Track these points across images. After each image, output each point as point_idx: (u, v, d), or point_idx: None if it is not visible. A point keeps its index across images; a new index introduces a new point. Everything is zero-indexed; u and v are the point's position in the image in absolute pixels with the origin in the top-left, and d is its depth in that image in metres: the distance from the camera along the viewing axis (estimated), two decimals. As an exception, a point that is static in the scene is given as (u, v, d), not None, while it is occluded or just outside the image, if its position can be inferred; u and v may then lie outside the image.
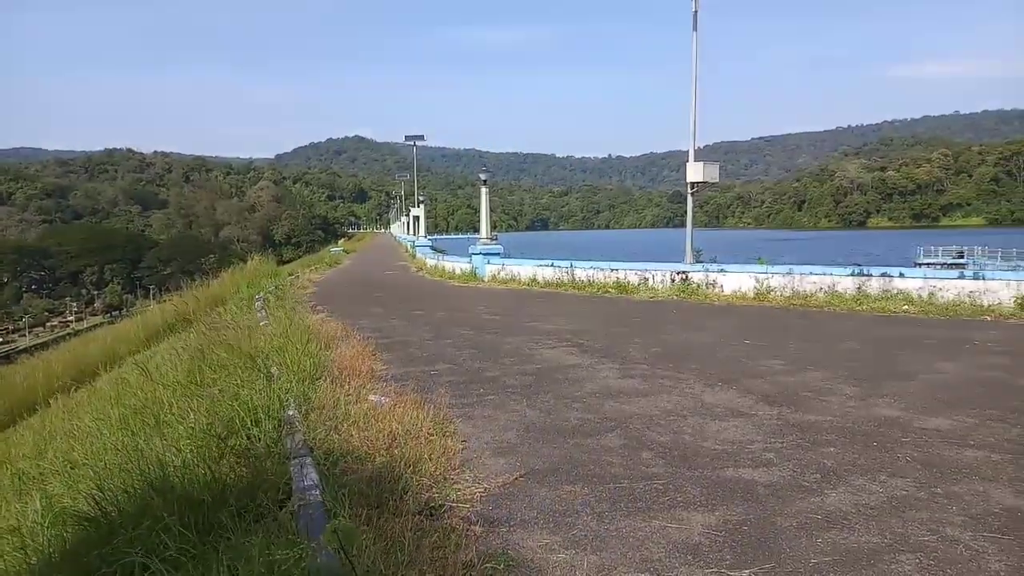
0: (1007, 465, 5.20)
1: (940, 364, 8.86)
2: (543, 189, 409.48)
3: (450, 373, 9.10)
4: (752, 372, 8.64)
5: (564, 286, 21.40)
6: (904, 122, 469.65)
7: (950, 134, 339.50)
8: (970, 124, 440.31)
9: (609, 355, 10.05)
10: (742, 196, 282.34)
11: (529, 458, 5.62)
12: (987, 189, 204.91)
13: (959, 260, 47.82)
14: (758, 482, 4.96)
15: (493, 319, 14.77)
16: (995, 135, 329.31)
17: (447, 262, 31.18)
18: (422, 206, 59.20)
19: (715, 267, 18.25)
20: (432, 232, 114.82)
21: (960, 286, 13.94)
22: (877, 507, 4.49)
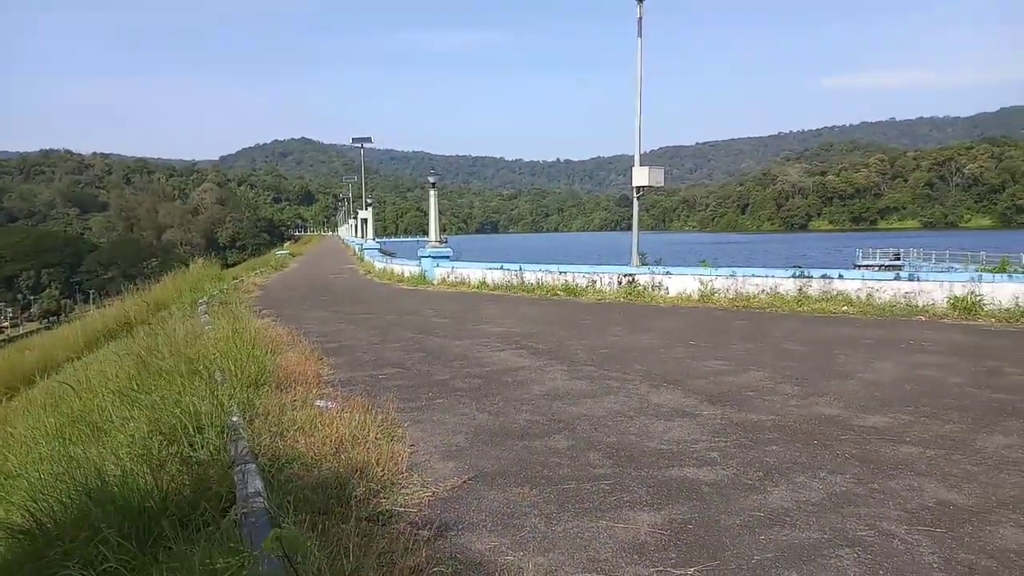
0: (940, 460, 5.38)
1: (877, 363, 9.12)
2: (492, 192, 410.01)
3: (398, 377, 9.05)
4: (696, 373, 8.79)
5: (513, 289, 21.45)
6: (843, 128, 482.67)
7: (887, 140, 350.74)
8: (906, 130, 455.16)
9: (557, 357, 10.11)
10: (687, 200, 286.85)
11: (478, 461, 5.62)
12: (922, 193, 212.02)
13: (896, 262, 49.33)
14: (703, 481, 5.05)
15: (442, 322, 14.73)
16: (929, 141, 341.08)
17: (396, 265, 30.97)
18: (370, 209, 58.77)
19: (660, 270, 18.50)
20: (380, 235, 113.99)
21: (896, 287, 14.38)
22: (817, 503, 4.61)
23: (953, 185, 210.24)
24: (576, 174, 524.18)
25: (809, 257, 79.14)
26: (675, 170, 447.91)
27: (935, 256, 47.97)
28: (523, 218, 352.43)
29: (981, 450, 5.59)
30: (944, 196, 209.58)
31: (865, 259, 52.78)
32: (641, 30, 19.43)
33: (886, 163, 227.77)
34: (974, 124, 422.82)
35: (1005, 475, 5.04)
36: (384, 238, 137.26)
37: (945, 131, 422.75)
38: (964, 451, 5.57)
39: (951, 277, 14.26)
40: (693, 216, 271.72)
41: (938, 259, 47.04)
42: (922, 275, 14.60)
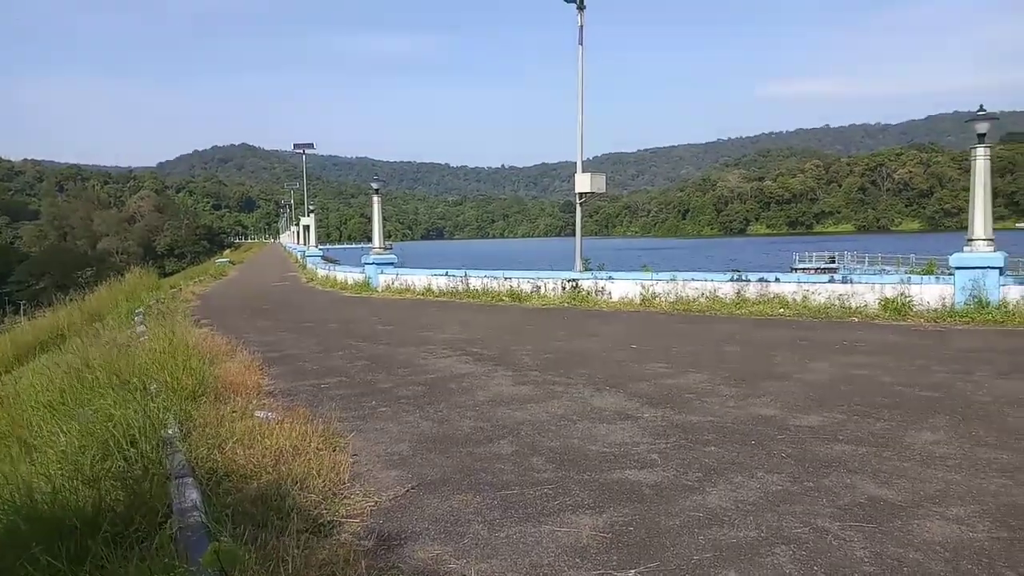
0: (871, 458, 5.55)
1: (813, 364, 9.38)
2: (438, 198, 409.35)
3: (341, 386, 8.96)
4: (638, 376, 8.91)
5: (459, 295, 21.43)
6: (780, 135, 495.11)
7: (821, 146, 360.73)
8: (839, 137, 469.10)
9: (502, 363, 10.14)
10: (630, 206, 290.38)
11: (421, 469, 5.60)
12: (855, 198, 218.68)
13: (831, 265, 50.70)
14: (643, 483, 5.12)
15: (386, 330, 14.63)
16: (862, 147, 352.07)
17: (339, 272, 30.67)
18: (312, 215, 58.06)
19: (604, 275, 18.71)
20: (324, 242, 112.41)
21: (831, 289, 14.80)
22: (754, 502, 4.71)
23: (885, 190, 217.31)
24: (521, 180, 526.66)
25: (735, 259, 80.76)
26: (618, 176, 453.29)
27: (868, 259, 49.48)
28: (469, 224, 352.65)
29: (910, 446, 5.79)
30: (876, 201, 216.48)
31: (801, 262, 54.12)
32: (582, 38, 19.66)
33: (821, 169, 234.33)
34: (903, 131, 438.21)
35: (932, 470, 5.22)
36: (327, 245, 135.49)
37: (876, 138, 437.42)
38: (894, 448, 5.76)
39: (882, 279, 14.74)
40: (636, 222, 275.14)
41: (871, 262, 48.53)
42: (855, 278, 15.07)
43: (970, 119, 13.64)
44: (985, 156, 13.49)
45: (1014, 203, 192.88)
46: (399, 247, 64.95)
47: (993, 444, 5.78)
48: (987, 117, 13.38)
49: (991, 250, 13.24)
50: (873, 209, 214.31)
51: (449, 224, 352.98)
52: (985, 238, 13.31)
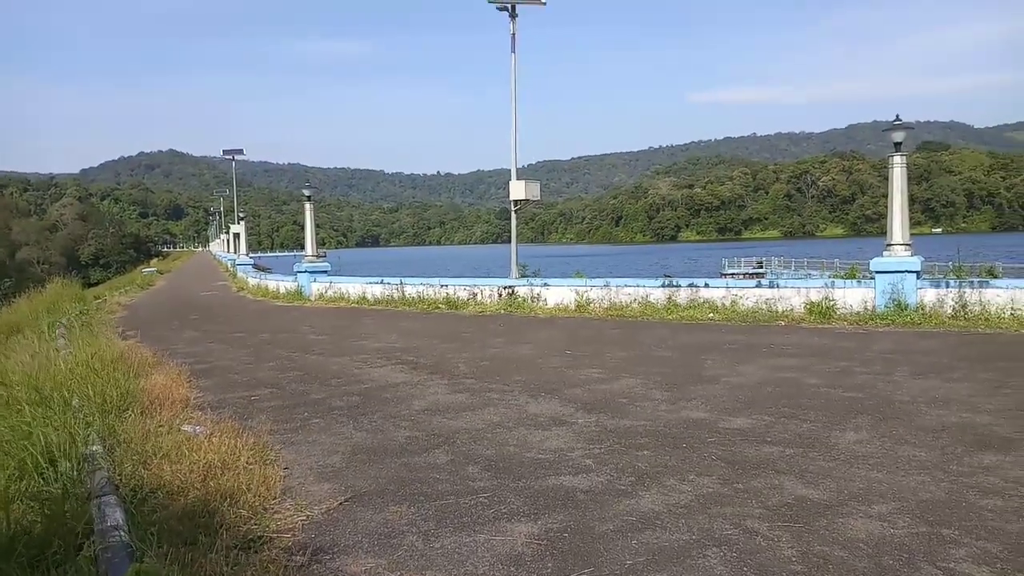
0: (798, 458, 5.71)
1: (741, 367, 9.60)
2: (373, 205, 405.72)
3: (272, 398, 8.79)
4: (573, 381, 8.98)
5: (394, 303, 21.27)
6: (709, 143, 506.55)
7: (748, 154, 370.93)
8: (766, 145, 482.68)
9: (438, 371, 10.09)
10: (564, 213, 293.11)
11: (355, 481, 5.52)
12: (781, 205, 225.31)
13: (758, 270, 52.12)
14: (578, 488, 5.16)
15: (319, 339, 14.41)
16: (787, 155, 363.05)
17: (270, 281, 30.10)
18: (242, 223, 56.82)
19: (539, 281, 18.82)
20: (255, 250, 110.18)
21: (758, 294, 15.19)
22: (686, 505, 4.79)
23: (809, 197, 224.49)
24: (457, 187, 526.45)
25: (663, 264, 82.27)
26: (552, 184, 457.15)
27: (794, 264, 51.03)
28: (405, 231, 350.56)
29: (834, 447, 5.97)
30: (802, 207, 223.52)
31: (730, 268, 55.49)
32: (515, 45, 19.78)
33: (748, 176, 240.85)
34: (826, 140, 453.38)
35: (855, 469, 5.39)
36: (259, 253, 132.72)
37: (801, 146, 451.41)
38: (819, 448, 5.93)
39: (807, 284, 15.21)
40: (571, 228, 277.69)
41: (797, 267, 50.06)
42: (781, 283, 15.51)
43: (887, 128, 14.20)
44: (902, 164, 14.05)
45: (930, 209, 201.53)
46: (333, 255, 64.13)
47: (912, 442, 6.00)
48: (903, 127, 13.95)
49: (909, 255, 13.79)
50: (799, 215, 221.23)
51: (384, 231, 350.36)
52: (903, 243, 13.86)
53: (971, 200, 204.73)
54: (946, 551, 3.96)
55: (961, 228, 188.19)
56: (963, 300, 13.09)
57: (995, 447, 5.78)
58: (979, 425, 6.44)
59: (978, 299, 13.01)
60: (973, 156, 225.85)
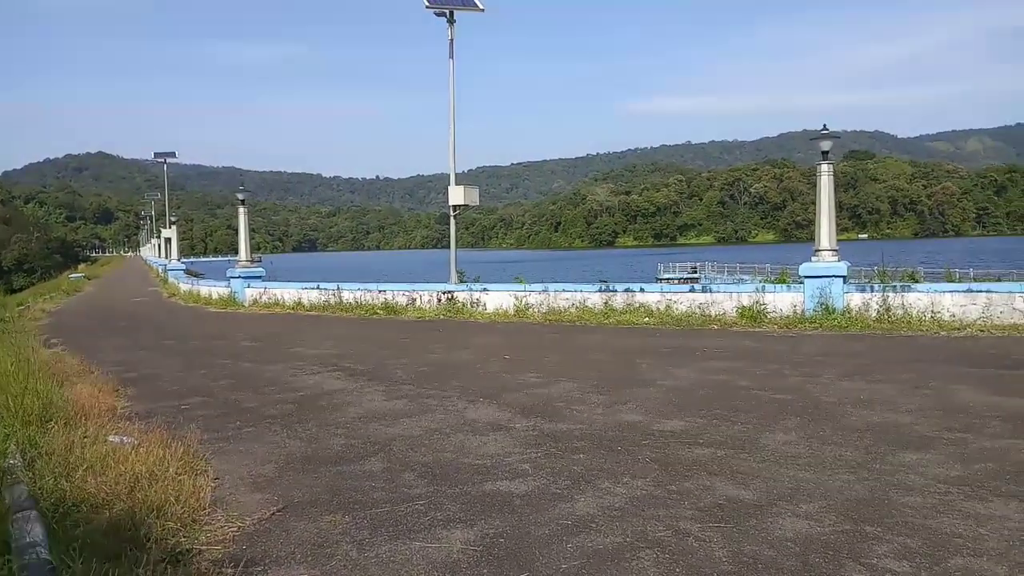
0: (730, 459, 5.83)
1: (675, 371, 9.77)
2: (310, 209, 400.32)
3: (204, 407, 8.58)
4: (511, 386, 9.00)
5: (331, 309, 21.00)
6: (645, 150, 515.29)
7: (683, 162, 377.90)
8: (700, 153, 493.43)
9: (375, 378, 10.00)
10: (504, 218, 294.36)
11: (288, 490, 5.43)
12: (715, 211, 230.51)
13: (693, 275, 53.14)
14: (514, 493, 5.17)
15: (253, 346, 14.14)
16: (720, 163, 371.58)
17: (203, 287, 29.42)
18: (174, 227, 55.29)
19: (479, 287, 18.82)
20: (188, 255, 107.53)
21: (692, 298, 15.48)
22: (620, 508, 4.84)
23: (742, 203, 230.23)
24: (397, 192, 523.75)
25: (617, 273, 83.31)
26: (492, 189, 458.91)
27: (727, 269, 52.18)
28: (343, 236, 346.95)
29: (764, 447, 6.11)
30: (734, 213, 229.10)
31: (666, 273, 56.44)
32: (452, 52, 19.77)
33: (683, 183, 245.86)
34: (758, 148, 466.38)
35: (784, 469, 5.53)
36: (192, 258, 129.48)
37: (734, 154, 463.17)
38: (750, 449, 6.07)
39: (739, 288, 15.57)
40: (511, 234, 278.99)
41: (730, 272, 51.21)
42: (714, 287, 15.84)
43: (814, 137, 14.64)
44: (828, 172, 14.50)
45: (857, 216, 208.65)
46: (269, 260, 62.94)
47: (838, 442, 6.18)
48: (829, 136, 14.40)
49: (836, 260, 14.23)
50: (732, 221, 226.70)
51: (322, 236, 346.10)
52: (830, 249, 14.29)
53: (895, 207, 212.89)
54: (869, 548, 4.09)
55: (886, 234, 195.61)
56: (887, 304, 13.57)
57: (915, 446, 6.00)
58: (901, 424, 6.68)
59: (901, 303, 13.50)
60: (897, 165, 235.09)
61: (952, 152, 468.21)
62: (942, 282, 14.89)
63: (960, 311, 13.09)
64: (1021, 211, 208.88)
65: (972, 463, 5.50)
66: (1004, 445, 5.94)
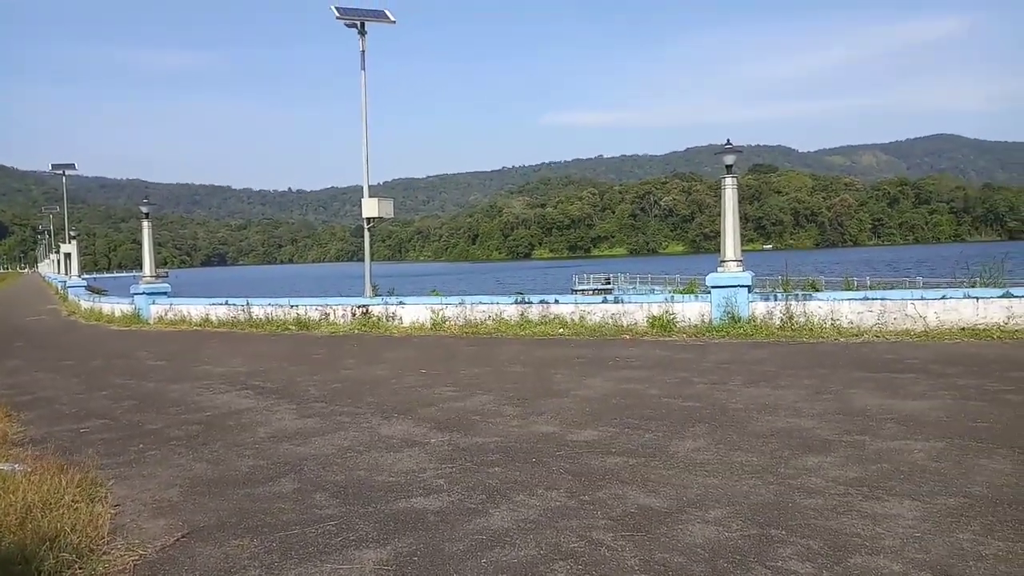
0: (641, 468, 5.93)
1: (589, 380, 9.90)
2: (220, 222, 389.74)
3: (104, 430, 8.20)
4: (427, 401, 8.95)
5: (241, 325, 20.44)
6: (559, 164, 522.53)
7: (596, 175, 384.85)
8: (612, 166, 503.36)
9: (286, 395, 9.78)
10: (421, 231, 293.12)
11: (193, 515, 5.24)
12: (627, 223, 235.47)
13: (607, 286, 54.02)
14: (429, 510, 5.12)
15: (158, 365, 13.62)
16: (631, 176, 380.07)
17: (105, 304, 28.18)
18: (75, 242, 52.81)
19: (394, 300, 18.65)
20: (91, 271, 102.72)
21: (605, 309, 15.73)
22: (535, 520, 4.86)
23: (653, 216, 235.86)
24: (310, 204, 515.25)
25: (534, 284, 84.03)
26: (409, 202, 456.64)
27: (639, 280, 53.28)
28: (254, 249, 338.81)
29: (674, 455, 6.25)
30: (646, 226, 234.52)
31: (581, 284, 57.17)
32: (364, 63, 19.62)
33: (596, 196, 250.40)
34: (667, 162, 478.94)
35: (693, 476, 5.66)
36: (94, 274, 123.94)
37: (644, 167, 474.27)
38: (660, 457, 6.19)
39: (650, 299, 15.91)
40: (428, 246, 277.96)
41: (642, 283, 52.27)
42: (626, 298, 16.13)
43: (719, 151, 15.14)
44: (733, 186, 15.00)
45: (761, 227, 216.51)
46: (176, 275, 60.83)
47: (744, 448, 6.37)
48: (733, 150, 14.91)
49: (741, 270, 14.71)
50: (643, 233, 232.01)
51: (232, 249, 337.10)
52: (735, 260, 14.77)
53: (797, 218, 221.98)
54: (774, 551, 4.21)
55: (789, 244, 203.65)
56: (790, 312, 14.11)
57: (816, 449, 6.24)
58: (803, 429, 6.93)
59: (803, 311, 14.06)
60: (798, 178, 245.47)
61: (849, 166, 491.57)
62: (841, 291, 15.59)
63: (857, 318, 13.72)
64: (912, 222, 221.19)
65: (869, 464, 5.76)
66: (898, 446, 6.24)
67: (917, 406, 7.67)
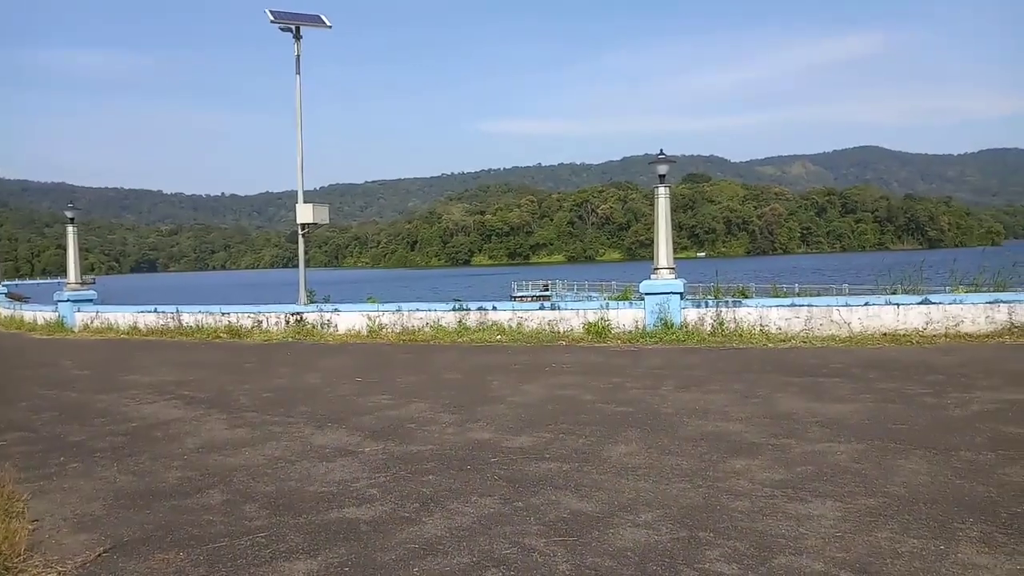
0: (574, 473, 5.99)
1: (525, 387, 9.95)
2: (150, 228, 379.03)
3: (23, 442, 7.89)
4: (361, 409, 8.86)
5: (170, 333, 19.92)
6: (498, 171, 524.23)
7: (535, 183, 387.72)
8: (550, 175, 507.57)
9: (216, 405, 9.56)
10: (359, 237, 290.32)
11: (117, 529, 5.08)
12: (565, 231, 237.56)
13: (545, 293, 54.42)
14: (361, 519, 5.08)
15: (82, 375, 13.17)
16: (569, 185, 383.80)
17: (27, 311, 27.14)
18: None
19: (329, 307, 18.43)
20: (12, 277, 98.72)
21: (542, 316, 15.84)
22: (468, 528, 4.86)
23: (590, 224, 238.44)
24: (244, 209, 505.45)
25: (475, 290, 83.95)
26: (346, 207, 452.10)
27: (576, 287, 53.81)
28: (186, 255, 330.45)
29: (607, 460, 6.33)
30: (583, 233, 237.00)
31: (520, 291, 57.48)
32: (299, 67, 19.38)
33: (535, 204, 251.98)
34: (603, 171, 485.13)
35: (625, 480, 5.75)
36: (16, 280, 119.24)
37: (581, 176, 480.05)
38: (593, 462, 6.27)
39: (585, 305, 16.08)
40: (366, 253, 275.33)
41: (579, 289, 52.82)
42: (562, 304, 16.27)
43: (652, 161, 15.41)
44: (665, 195, 15.29)
45: (695, 235, 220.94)
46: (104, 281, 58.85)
47: (675, 452, 6.50)
48: (666, 160, 15.20)
49: (673, 277, 14.99)
50: (581, 241, 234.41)
51: (163, 255, 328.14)
52: (668, 267, 15.04)
53: (729, 227, 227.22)
54: (702, 553, 4.30)
55: (721, 252, 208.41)
56: (720, 318, 14.44)
57: (744, 452, 6.40)
58: (732, 432, 7.10)
59: (733, 317, 14.40)
60: (730, 187, 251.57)
61: (779, 176, 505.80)
62: (770, 297, 16.02)
63: (785, 324, 14.12)
64: (839, 231, 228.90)
65: (794, 467, 5.93)
66: (822, 448, 6.44)
67: (840, 409, 7.94)
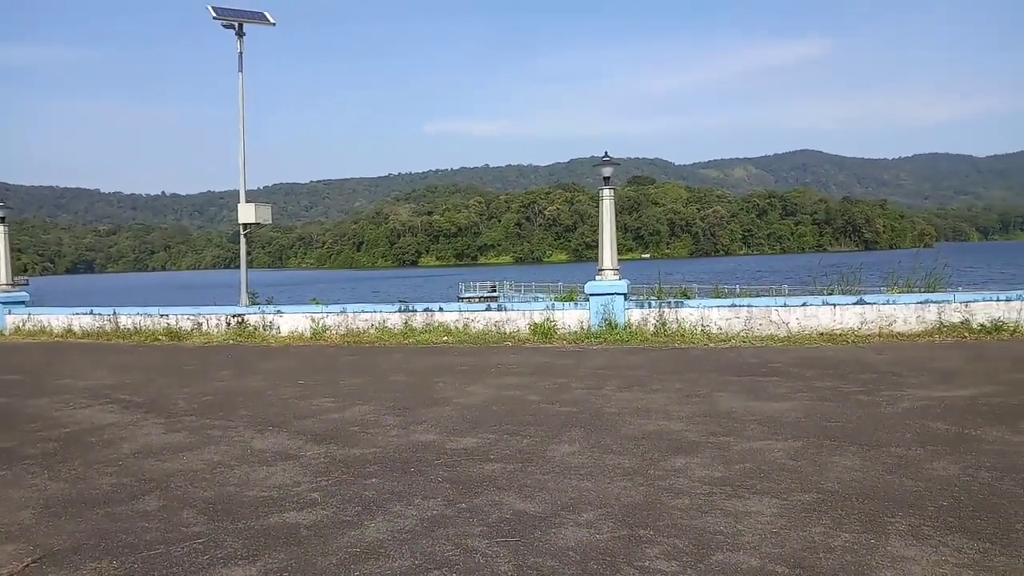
0: (518, 473, 6.01)
1: (470, 388, 9.95)
2: (87, 227, 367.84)
3: (-54, 451, 7.59)
4: (304, 412, 8.75)
5: (107, 336, 19.36)
6: (446, 172, 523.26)
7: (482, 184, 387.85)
8: (498, 176, 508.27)
9: (154, 409, 9.33)
10: (304, 237, 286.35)
11: (47, 538, 4.93)
12: (512, 232, 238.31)
13: (493, 294, 54.47)
14: (301, 524, 5.02)
15: (12, 379, 12.72)
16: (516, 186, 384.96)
17: (-48, 315, 26.04)
18: (-85, 247, 48.59)
19: (272, 309, 18.14)
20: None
21: (488, 317, 15.85)
22: (410, 530, 4.84)
23: (537, 225, 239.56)
24: (185, 209, 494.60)
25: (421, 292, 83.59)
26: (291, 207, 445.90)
27: (523, 288, 54.01)
28: (124, 256, 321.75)
29: (550, 460, 6.37)
30: (531, 234, 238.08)
31: (467, 292, 57.42)
32: (242, 65, 19.06)
33: (483, 205, 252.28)
34: (551, 172, 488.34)
35: (568, 480, 5.79)
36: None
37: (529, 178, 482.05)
38: (537, 462, 6.30)
39: (531, 306, 16.14)
40: (311, 253, 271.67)
41: (526, 290, 53.03)
42: (509, 305, 16.30)
43: (597, 163, 15.56)
44: (610, 197, 15.45)
45: (640, 237, 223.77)
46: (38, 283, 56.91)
47: (617, 451, 6.57)
48: (610, 162, 15.36)
49: (617, 279, 15.15)
50: (528, 242, 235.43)
51: (100, 256, 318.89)
52: (612, 268, 15.20)
53: (673, 229, 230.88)
54: (642, 551, 4.36)
55: (666, 254, 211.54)
56: (663, 319, 14.65)
57: (685, 451, 6.51)
58: (673, 431, 7.22)
59: (675, 318, 14.62)
60: (674, 190, 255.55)
61: (721, 179, 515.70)
62: (711, 298, 16.31)
63: (726, 324, 14.40)
64: (779, 233, 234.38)
65: (733, 464, 6.06)
66: (760, 446, 6.59)
67: (778, 407, 8.13)
